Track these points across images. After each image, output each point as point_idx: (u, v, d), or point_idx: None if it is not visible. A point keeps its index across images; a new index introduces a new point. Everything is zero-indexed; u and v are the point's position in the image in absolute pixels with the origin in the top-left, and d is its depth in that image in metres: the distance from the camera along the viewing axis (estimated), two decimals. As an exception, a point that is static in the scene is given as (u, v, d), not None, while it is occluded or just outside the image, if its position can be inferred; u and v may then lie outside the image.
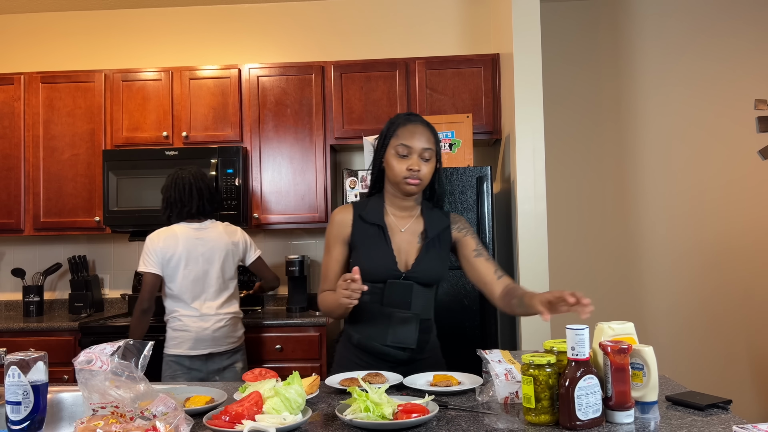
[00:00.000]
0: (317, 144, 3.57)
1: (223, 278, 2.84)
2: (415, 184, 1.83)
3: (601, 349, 1.31)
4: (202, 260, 2.79)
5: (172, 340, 2.76)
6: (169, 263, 2.74)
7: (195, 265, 2.77)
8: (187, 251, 2.76)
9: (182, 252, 2.75)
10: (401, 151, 1.83)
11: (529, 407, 1.30)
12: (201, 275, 2.78)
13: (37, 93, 3.65)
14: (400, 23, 3.96)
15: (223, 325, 2.80)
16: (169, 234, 2.77)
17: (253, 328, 3.20)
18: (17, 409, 1.25)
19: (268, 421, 1.25)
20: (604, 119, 3.96)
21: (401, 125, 1.86)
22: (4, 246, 3.99)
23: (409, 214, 1.92)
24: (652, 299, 3.89)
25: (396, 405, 1.30)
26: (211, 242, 2.82)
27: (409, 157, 1.82)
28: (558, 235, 3.87)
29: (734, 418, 1.32)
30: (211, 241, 2.82)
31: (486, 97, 3.52)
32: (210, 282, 2.80)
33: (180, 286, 2.76)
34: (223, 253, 2.84)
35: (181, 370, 2.74)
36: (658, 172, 3.92)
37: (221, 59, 3.96)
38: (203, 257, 2.79)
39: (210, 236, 2.83)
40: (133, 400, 1.18)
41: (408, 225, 1.90)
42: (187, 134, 3.58)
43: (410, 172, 1.81)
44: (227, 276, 2.86)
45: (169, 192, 2.83)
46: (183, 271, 2.75)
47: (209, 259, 2.80)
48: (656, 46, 3.95)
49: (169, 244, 2.75)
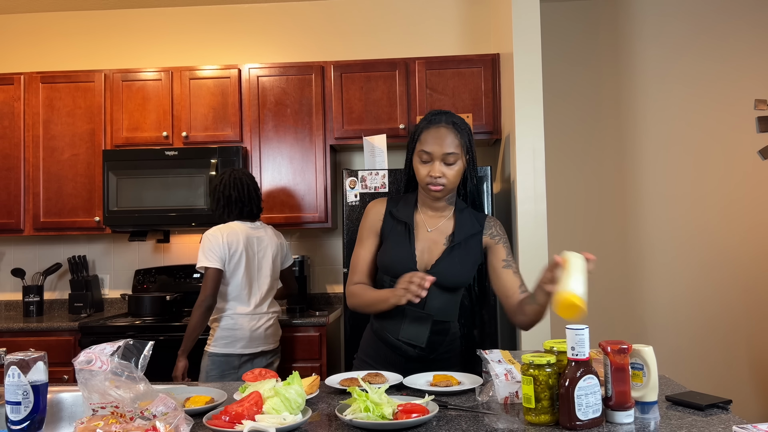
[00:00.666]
0: (317, 144, 3.57)
1: (272, 278, 2.89)
2: (438, 190, 1.81)
3: (601, 349, 1.31)
4: (257, 259, 2.84)
5: (222, 339, 2.74)
6: (231, 260, 2.76)
7: (252, 263, 2.82)
8: (246, 249, 2.79)
9: (243, 249, 2.78)
10: (423, 158, 1.81)
11: (529, 407, 1.30)
12: (256, 274, 2.83)
13: (37, 93, 3.65)
14: (400, 23, 3.96)
15: (272, 324, 2.87)
16: (231, 231, 2.78)
17: (253, 328, 3.20)
18: (17, 409, 1.25)
19: (268, 421, 1.24)
20: (604, 119, 3.96)
21: (424, 128, 1.83)
22: (4, 246, 3.99)
23: (440, 215, 1.90)
24: (652, 299, 3.89)
25: (396, 405, 1.30)
26: (265, 241, 2.87)
27: (430, 163, 1.80)
28: (558, 235, 3.87)
29: (734, 418, 1.32)
30: (265, 240, 2.88)
31: (486, 97, 3.52)
32: (263, 281, 2.85)
33: (238, 284, 2.78)
34: (274, 253, 2.90)
35: (230, 369, 2.73)
36: (658, 172, 3.92)
37: (221, 59, 3.96)
38: (258, 256, 2.84)
39: (264, 236, 2.88)
40: (133, 400, 1.18)
41: (437, 225, 1.89)
42: (187, 134, 3.58)
43: (432, 179, 1.80)
44: (274, 276, 2.92)
45: (229, 191, 2.84)
46: (242, 269, 2.77)
47: (264, 258, 2.86)
48: (656, 46, 3.95)
49: (232, 240, 2.76)
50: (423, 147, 1.81)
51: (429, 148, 1.79)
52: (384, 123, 3.54)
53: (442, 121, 1.83)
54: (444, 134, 1.80)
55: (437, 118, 1.84)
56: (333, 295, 3.86)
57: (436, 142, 1.79)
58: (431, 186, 1.81)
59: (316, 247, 3.91)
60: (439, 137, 1.80)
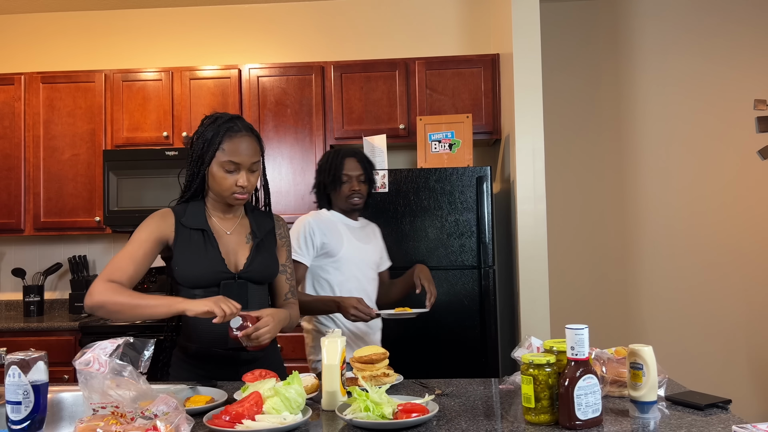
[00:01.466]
0: (317, 144, 3.57)
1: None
2: (244, 198, 1.81)
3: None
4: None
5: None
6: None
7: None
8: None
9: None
10: (228, 167, 1.76)
11: (529, 407, 1.30)
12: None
13: (38, 93, 3.66)
14: (400, 23, 3.96)
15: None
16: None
17: (253, 328, 3.20)
18: (17, 409, 1.25)
19: (268, 421, 1.25)
20: (603, 119, 3.96)
21: (226, 137, 1.77)
22: (4, 246, 3.99)
23: (233, 216, 1.88)
24: (651, 299, 3.89)
25: (396, 405, 1.31)
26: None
27: (236, 173, 1.77)
28: (558, 235, 3.87)
29: (734, 417, 1.32)
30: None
31: (486, 98, 3.52)
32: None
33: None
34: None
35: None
36: (657, 172, 3.92)
37: (221, 59, 3.97)
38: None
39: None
40: (134, 400, 1.18)
41: (234, 227, 1.87)
42: (188, 134, 3.58)
43: (240, 188, 1.78)
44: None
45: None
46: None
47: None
48: (656, 46, 3.95)
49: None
50: (230, 158, 1.75)
51: (237, 159, 1.76)
52: (384, 123, 3.54)
53: (241, 128, 1.79)
54: (248, 142, 1.78)
55: (235, 125, 1.79)
56: (333, 295, 3.86)
57: (242, 152, 1.76)
58: (238, 195, 1.79)
59: (316, 247, 3.90)
60: (244, 145, 1.77)
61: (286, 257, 1.96)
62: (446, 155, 3.28)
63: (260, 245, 1.87)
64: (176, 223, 1.80)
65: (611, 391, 1.49)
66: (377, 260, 2.45)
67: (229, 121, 1.79)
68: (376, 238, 2.50)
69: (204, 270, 1.76)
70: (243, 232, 1.88)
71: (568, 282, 3.87)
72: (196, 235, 1.80)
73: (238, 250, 1.84)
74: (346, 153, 2.36)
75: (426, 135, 3.36)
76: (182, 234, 1.79)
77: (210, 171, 1.79)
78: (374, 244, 2.46)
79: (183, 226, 1.80)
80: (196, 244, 1.78)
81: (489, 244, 3.07)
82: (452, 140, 3.30)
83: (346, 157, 2.34)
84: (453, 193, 3.10)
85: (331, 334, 1.53)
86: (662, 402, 1.42)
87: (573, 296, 3.87)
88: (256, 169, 1.81)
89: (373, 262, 2.42)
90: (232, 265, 1.81)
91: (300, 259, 2.28)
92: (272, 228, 1.93)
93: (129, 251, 1.75)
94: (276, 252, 1.92)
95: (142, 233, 1.77)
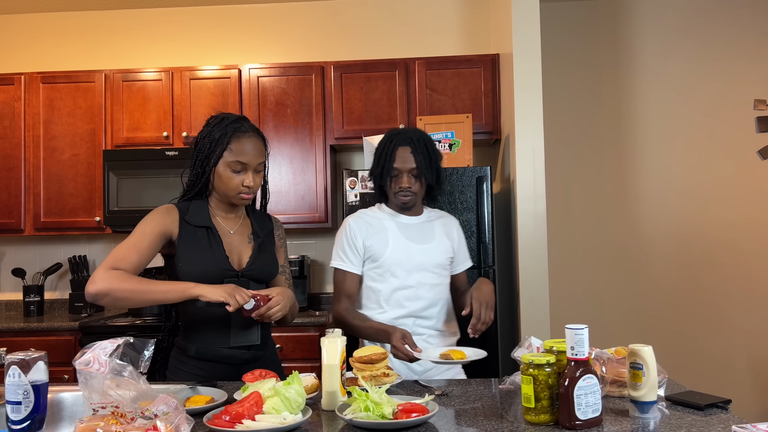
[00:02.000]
0: (317, 144, 3.57)
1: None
2: (250, 198, 1.83)
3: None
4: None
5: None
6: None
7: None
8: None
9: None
10: (236, 168, 1.78)
11: (529, 407, 1.30)
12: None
13: (38, 93, 3.66)
14: (400, 23, 3.96)
15: None
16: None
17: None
18: (17, 409, 1.25)
19: (268, 421, 1.25)
20: (603, 119, 3.96)
21: (234, 138, 1.78)
22: (4, 246, 3.99)
23: (235, 216, 1.90)
24: (651, 298, 3.89)
25: (396, 405, 1.31)
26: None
27: (243, 173, 1.79)
28: (558, 235, 3.87)
29: (733, 417, 1.32)
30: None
31: (486, 98, 3.52)
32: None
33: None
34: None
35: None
36: (657, 172, 3.92)
37: (221, 59, 3.97)
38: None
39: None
40: (134, 400, 1.18)
41: (237, 226, 1.89)
42: (188, 134, 3.58)
43: (246, 189, 1.79)
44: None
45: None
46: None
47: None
48: (656, 46, 3.95)
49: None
50: (238, 158, 1.77)
51: (245, 159, 1.77)
52: (384, 123, 3.54)
53: (248, 129, 1.81)
54: (255, 143, 1.80)
55: (242, 125, 1.80)
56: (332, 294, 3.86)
57: (250, 152, 1.78)
58: (244, 195, 1.80)
59: (316, 247, 3.91)
60: (250, 146, 1.78)
61: (284, 258, 1.99)
62: (446, 155, 3.28)
63: (262, 245, 1.89)
64: (180, 219, 1.81)
65: (611, 391, 1.49)
66: (442, 261, 2.08)
67: (237, 122, 1.81)
68: (443, 236, 2.11)
69: (208, 267, 1.78)
70: (245, 231, 1.90)
71: (568, 282, 3.87)
72: (201, 233, 1.81)
73: (241, 249, 1.86)
74: (400, 140, 2.02)
75: (426, 135, 3.36)
76: (186, 230, 1.80)
77: (216, 171, 1.80)
78: (437, 242, 2.09)
79: (187, 223, 1.81)
80: (201, 241, 1.80)
81: (489, 244, 3.07)
82: (452, 140, 3.30)
83: (399, 146, 2.01)
84: (453, 193, 3.10)
85: (331, 334, 1.53)
86: (662, 402, 1.42)
87: (573, 296, 3.87)
88: (261, 169, 1.83)
89: (432, 264, 2.05)
90: (236, 263, 1.83)
91: (346, 267, 2.05)
92: (271, 229, 1.96)
93: (133, 242, 1.74)
94: (275, 252, 1.95)
95: (146, 226, 1.78)
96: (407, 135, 2.02)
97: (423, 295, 2.02)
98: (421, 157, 1.99)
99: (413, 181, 2.01)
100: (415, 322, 2.02)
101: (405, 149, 1.99)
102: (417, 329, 2.01)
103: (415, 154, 1.99)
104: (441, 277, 2.07)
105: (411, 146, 1.99)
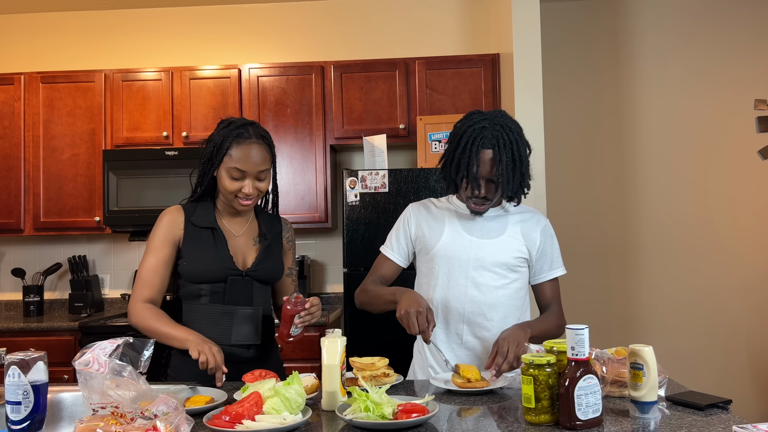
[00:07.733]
0: (317, 144, 3.57)
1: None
2: (248, 205, 1.81)
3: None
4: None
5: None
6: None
7: None
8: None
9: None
10: (234, 174, 1.76)
11: (529, 407, 1.30)
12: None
13: (37, 93, 3.65)
14: (400, 23, 3.95)
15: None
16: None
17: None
18: (17, 409, 1.25)
19: (268, 421, 1.25)
20: (603, 119, 3.96)
21: (234, 144, 1.76)
22: (4, 246, 3.99)
23: (243, 218, 1.90)
24: (652, 298, 3.89)
25: (396, 405, 1.30)
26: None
27: (241, 180, 1.77)
28: (558, 235, 3.84)
29: (734, 417, 1.32)
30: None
31: (486, 97, 3.52)
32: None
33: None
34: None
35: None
36: (657, 172, 3.92)
37: (221, 59, 3.96)
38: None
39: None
40: (133, 400, 1.18)
41: (243, 229, 1.89)
42: (188, 134, 3.58)
43: (244, 195, 1.78)
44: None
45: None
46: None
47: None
48: (656, 46, 3.95)
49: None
50: (236, 165, 1.75)
51: (243, 166, 1.75)
52: (384, 123, 3.54)
53: (251, 136, 1.78)
54: (257, 151, 1.77)
55: (246, 131, 1.78)
56: (333, 295, 3.86)
57: (249, 160, 1.76)
58: (242, 201, 1.80)
59: (316, 247, 3.91)
60: (252, 155, 1.76)
61: (292, 260, 2.00)
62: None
63: (268, 248, 1.89)
64: (186, 221, 1.83)
65: (611, 392, 1.49)
66: (507, 261, 1.82)
67: (241, 128, 1.79)
68: (517, 233, 1.86)
69: (212, 265, 1.79)
70: (251, 234, 1.90)
71: (568, 282, 3.87)
72: (206, 233, 1.83)
73: (246, 250, 1.87)
74: (485, 142, 1.70)
75: (426, 135, 3.36)
76: (191, 232, 1.82)
77: (218, 175, 1.81)
78: (506, 239, 1.84)
79: (192, 225, 1.82)
80: (205, 241, 1.82)
81: (489, 244, 3.07)
82: (452, 140, 3.30)
83: (483, 149, 1.71)
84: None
85: (331, 334, 1.53)
86: (662, 402, 1.42)
87: (573, 296, 3.86)
88: (264, 177, 1.81)
89: (493, 262, 1.80)
90: (240, 263, 1.84)
91: (388, 254, 1.91)
92: (279, 231, 1.96)
93: (150, 264, 1.81)
94: (282, 255, 1.95)
95: (156, 240, 1.82)
96: (493, 134, 1.71)
97: (476, 298, 1.77)
98: (503, 166, 1.69)
99: (491, 188, 1.75)
100: (467, 330, 1.79)
101: (486, 152, 1.71)
102: (468, 339, 1.79)
103: (497, 162, 1.70)
104: (506, 279, 1.81)
105: (494, 150, 1.70)
